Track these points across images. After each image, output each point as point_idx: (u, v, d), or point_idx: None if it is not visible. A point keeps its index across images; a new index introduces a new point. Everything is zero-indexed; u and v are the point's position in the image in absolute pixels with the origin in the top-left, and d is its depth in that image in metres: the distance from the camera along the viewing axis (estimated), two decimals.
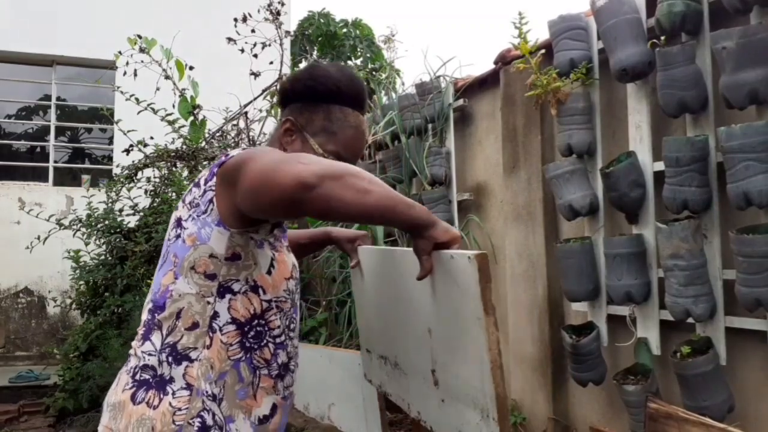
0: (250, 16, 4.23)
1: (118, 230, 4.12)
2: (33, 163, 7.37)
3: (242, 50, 4.27)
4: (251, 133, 4.59)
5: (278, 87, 1.32)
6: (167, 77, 4.07)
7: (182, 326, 1.17)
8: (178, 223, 1.22)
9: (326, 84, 1.27)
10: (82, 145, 7.76)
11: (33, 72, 7.28)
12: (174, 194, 4.02)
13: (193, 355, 1.16)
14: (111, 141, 7.20)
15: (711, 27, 2.31)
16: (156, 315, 1.20)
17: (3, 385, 5.09)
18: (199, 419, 1.13)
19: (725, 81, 2.11)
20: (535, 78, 2.81)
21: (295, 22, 9.71)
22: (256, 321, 1.21)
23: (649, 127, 2.56)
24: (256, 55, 4.28)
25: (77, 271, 4.32)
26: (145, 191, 4.32)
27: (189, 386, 1.14)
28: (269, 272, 1.22)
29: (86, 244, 4.23)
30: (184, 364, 1.16)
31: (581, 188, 2.72)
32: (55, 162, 7.26)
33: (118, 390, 1.19)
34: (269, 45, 4.35)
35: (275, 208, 1.02)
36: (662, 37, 2.37)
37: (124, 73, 4.10)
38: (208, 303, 1.17)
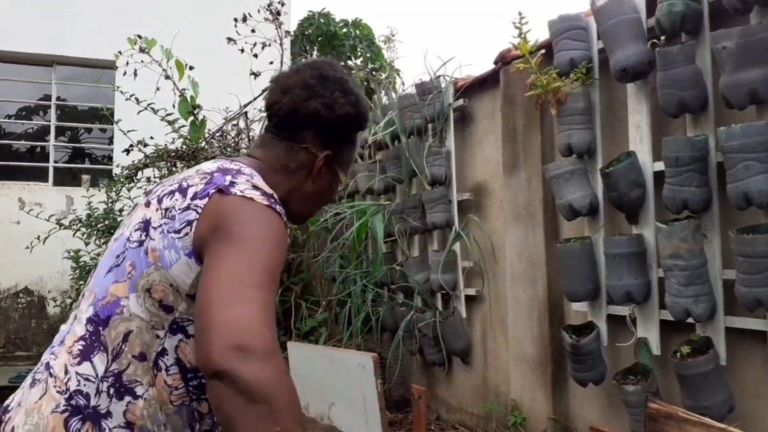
0: (250, 16, 4.24)
1: None
2: (33, 163, 7.37)
3: (242, 50, 4.28)
4: (251, 133, 4.59)
5: (312, 107, 1.14)
6: (167, 77, 4.07)
7: (129, 352, 1.00)
8: (146, 225, 1.05)
9: (366, 115, 1.17)
10: (82, 145, 7.76)
11: (33, 72, 7.28)
12: None
13: (138, 390, 1.00)
14: (111, 141, 7.20)
15: (711, 27, 2.31)
16: (100, 330, 1.02)
17: (3, 385, 5.07)
18: None
19: (725, 81, 2.11)
20: (535, 78, 2.81)
21: (295, 22, 9.70)
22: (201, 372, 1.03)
23: (649, 127, 2.56)
24: (256, 55, 4.28)
25: (77, 271, 4.33)
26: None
27: (129, 425, 0.99)
28: None
29: (86, 244, 4.23)
30: (127, 399, 0.99)
31: (581, 188, 2.72)
32: (55, 162, 7.26)
33: (45, 407, 1.00)
34: (269, 45, 4.35)
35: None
36: (662, 37, 2.37)
37: (124, 73, 4.10)
38: (158, 337, 1.01)
